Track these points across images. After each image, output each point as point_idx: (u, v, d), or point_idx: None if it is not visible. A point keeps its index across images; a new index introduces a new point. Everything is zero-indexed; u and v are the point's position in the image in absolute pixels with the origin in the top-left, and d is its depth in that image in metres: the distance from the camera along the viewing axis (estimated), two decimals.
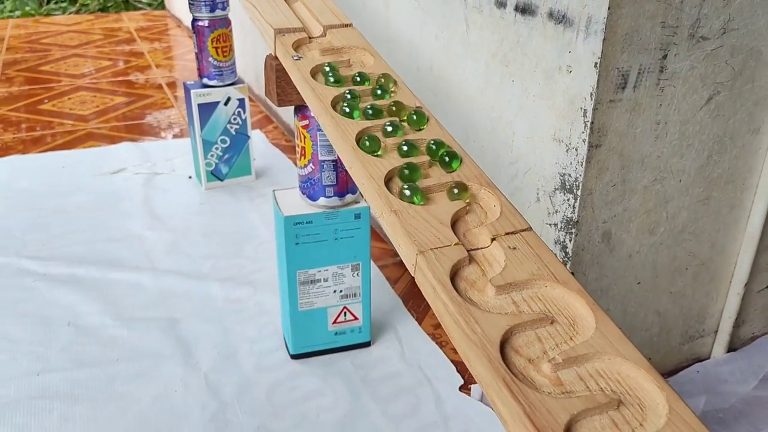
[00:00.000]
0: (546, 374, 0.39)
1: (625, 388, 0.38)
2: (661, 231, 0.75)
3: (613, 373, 0.39)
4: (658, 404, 0.37)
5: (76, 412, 0.79)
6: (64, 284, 1.02)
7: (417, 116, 0.58)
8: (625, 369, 0.39)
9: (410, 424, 0.78)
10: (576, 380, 0.38)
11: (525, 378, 0.38)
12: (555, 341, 0.41)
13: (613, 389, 0.38)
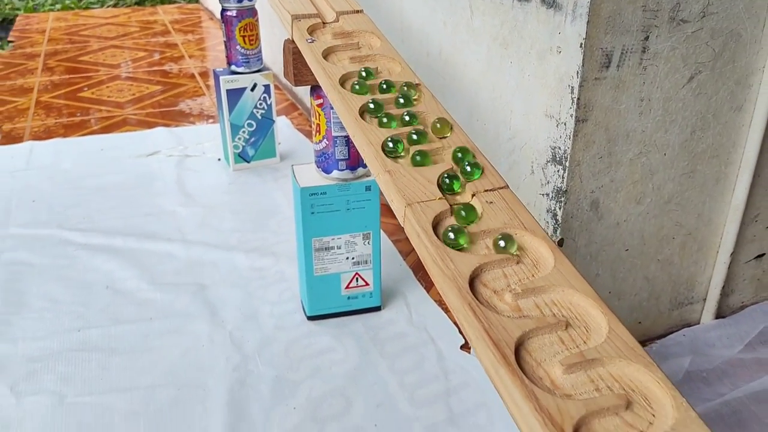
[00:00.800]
0: (507, 302, 0.45)
1: (574, 314, 0.45)
2: (647, 201, 0.81)
3: (565, 302, 0.45)
4: (601, 326, 0.44)
5: (113, 362, 0.87)
6: (103, 253, 1.11)
7: (410, 87, 0.65)
8: (575, 299, 0.46)
9: (414, 376, 0.85)
10: (532, 307, 0.45)
11: (489, 305, 0.45)
12: (518, 277, 0.47)
13: (563, 314, 0.44)
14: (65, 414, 0.79)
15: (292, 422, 0.78)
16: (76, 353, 0.89)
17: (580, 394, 0.39)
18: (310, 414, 0.79)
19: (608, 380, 0.40)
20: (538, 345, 0.43)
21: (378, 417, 0.79)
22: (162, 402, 0.81)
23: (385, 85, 0.67)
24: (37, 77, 2.05)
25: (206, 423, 0.78)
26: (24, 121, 1.70)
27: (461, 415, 0.79)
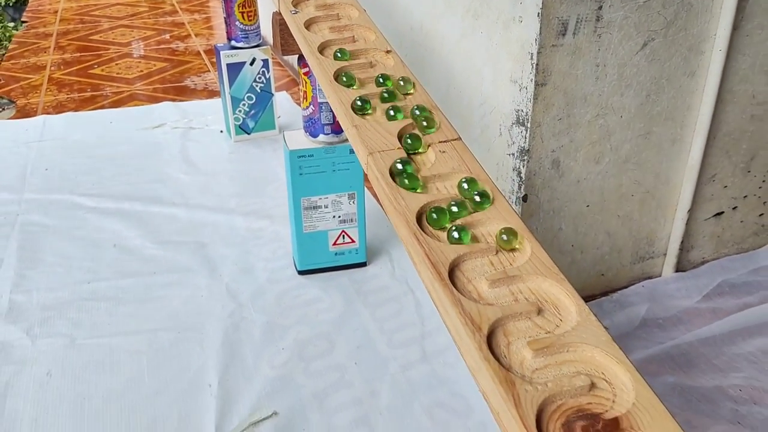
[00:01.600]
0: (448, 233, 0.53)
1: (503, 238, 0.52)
2: (606, 161, 0.88)
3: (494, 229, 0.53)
4: (526, 251, 0.51)
5: (119, 310, 0.96)
6: (111, 215, 1.20)
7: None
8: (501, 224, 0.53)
9: (393, 323, 0.93)
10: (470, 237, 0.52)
11: (432, 233, 0.53)
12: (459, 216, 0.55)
13: (493, 239, 0.52)
14: (76, 353, 0.87)
15: (280, 360, 0.86)
16: (85, 302, 0.97)
17: (500, 303, 0.47)
18: (297, 353, 0.87)
19: (526, 293, 0.48)
20: (471, 267, 0.50)
21: (358, 356, 0.87)
22: (163, 343, 0.89)
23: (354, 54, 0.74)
24: (50, 55, 2.13)
25: (203, 361, 0.86)
26: (37, 97, 1.79)
27: (433, 355, 0.87)
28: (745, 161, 0.95)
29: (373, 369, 0.85)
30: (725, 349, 0.86)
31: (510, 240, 0.51)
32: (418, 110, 0.64)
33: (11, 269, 1.04)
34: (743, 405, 0.78)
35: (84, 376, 0.84)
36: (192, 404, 0.79)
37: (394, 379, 0.83)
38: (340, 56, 0.74)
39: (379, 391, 0.81)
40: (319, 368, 0.85)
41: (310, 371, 0.85)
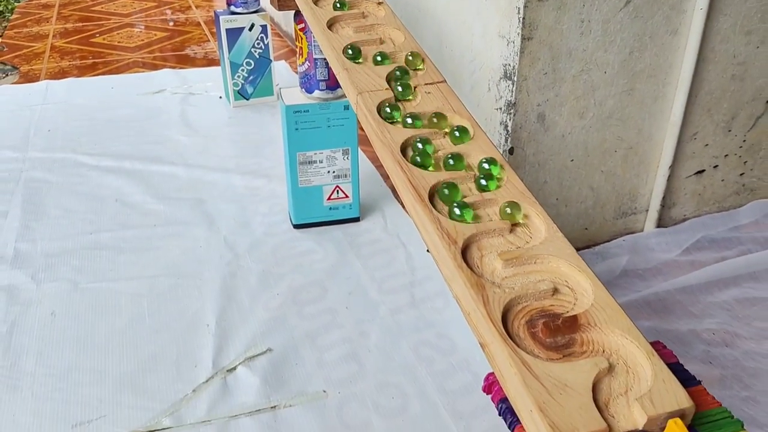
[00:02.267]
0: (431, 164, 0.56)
1: (483, 173, 0.55)
2: (590, 116, 0.91)
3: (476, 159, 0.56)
4: (502, 176, 0.54)
5: (120, 258, 1.00)
6: (112, 173, 1.23)
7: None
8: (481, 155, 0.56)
9: (383, 272, 0.97)
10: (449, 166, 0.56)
11: (415, 164, 0.56)
12: (442, 145, 0.58)
13: (475, 172, 0.55)
14: (78, 296, 0.91)
15: (275, 304, 0.90)
16: (88, 251, 1.01)
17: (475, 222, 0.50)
18: (291, 298, 0.91)
19: (499, 214, 0.51)
20: (449, 192, 0.53)
21: (349, 301, 0.91)
22: (163, 288, 0.93)
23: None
24: (52, 25, 2.16)
25: (201, 304, 0.90)
26: (40, 63, 1.81)
27: (421, 301, 0.91)
28: (726, 120, 0.98)
29: (363, 312, 0.89)
30: (701, 298, 0.90)
31: (491, 169, 0.54)
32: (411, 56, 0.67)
33: (16, 220, 1.08)
34: (715, 347, 0.82)
35: (87, 316, 0.88)
36: (190, 341, 0.83)
37: (383, 322, 0.87)
38: (339, 6, 0.77)
39: (368, 332, 0.85)
40: (312, 311, 0.89)
41: (303, 314, 0.88)
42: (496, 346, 0.41)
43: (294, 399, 0.75)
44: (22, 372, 0.79)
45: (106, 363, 0.80)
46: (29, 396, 0.75)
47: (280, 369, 0.79)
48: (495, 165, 0.54)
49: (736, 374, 0.78)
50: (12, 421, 0.72)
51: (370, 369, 0.79)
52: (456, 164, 0.55)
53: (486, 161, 0.55)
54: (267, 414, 0.73)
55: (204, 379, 0.77)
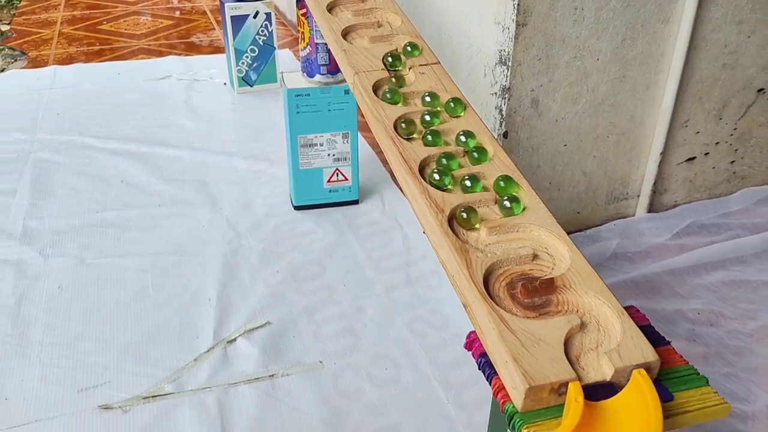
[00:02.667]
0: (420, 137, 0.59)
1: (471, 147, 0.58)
2: (582, 101, 0.94)
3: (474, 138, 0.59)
4: (490, 151, 0.57)
5: (126, 236, 1.03)
6: (118, 155, 1.26)
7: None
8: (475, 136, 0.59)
9: (381, 252, 0.99)
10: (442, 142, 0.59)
11: (406, 139, 0.59)
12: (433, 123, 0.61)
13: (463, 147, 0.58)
14: (85, 270, 0.94)
15: (274, 281, 0.93)
16: (94, 228, 1.04)
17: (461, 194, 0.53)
18: (290, 275, 0.94)
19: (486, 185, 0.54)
20: (440, 164, 0.56)
21: (347, 279, 0.94)
22: (166, 264, 0.96)
23: None
24: (60, 12, 2.19)
25: (203, 279, 0.93)
26: (48, 49, 1.84)
27: (416, 279, 0.93)
28: (716, 108, 1.01)
29: (360, 289, 0.91)
30: (688, 279, 0.92)
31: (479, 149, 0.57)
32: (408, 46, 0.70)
33: (25, 199, 1.11)
34: (700, 326, 0.85)
35: (93, 289, 0.91)
36: (192, 314, 0.86)
37: (379, 299, 0.90)
38: None
39: (364, 308, 0.88)
40: (310, 288, 0.92)
41: (301, 290, 0.91)
42: (477, 305, 0.44)
43: (291, 369, 0.78)
44: (30, 341, 0.82)
45: (111, 333, 0.83)
46: (37, 363, 0.79)
47: (279, 341, 0.82)
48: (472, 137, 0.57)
49: (719, 352, 0.81)
50: (20, 386, 0.75)
51: (365, 342, 0.82)
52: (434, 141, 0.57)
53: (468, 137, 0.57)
54: (265, 382, 0.76)
55: (205, 349, 0.80)
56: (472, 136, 0.57)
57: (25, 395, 0.74)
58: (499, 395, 0.42)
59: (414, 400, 0.74)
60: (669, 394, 0.41)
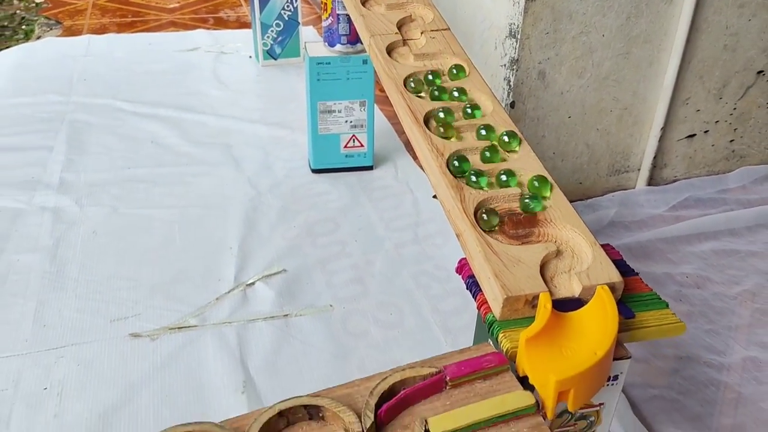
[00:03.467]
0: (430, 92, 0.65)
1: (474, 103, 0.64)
2: (587, 76, 0.99)
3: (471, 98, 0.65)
4: (487, 108, 0.63)
5: (155, 190, 1.10)
6: (148, 118, 1.33)
7: None
8: (479, 96, 0.65)
9: (391, 213, 1.06)
10: (447, 97, 0.65)
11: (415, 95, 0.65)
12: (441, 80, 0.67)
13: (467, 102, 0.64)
14: (117, 219, 1.02)
15: (291, 235, 1.00)
16: (126, 183, 1.12)
17: (462, 141, 0.59)
18: (306, 230, 1.01)
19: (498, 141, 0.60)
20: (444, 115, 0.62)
21: (359, 236, 1.00)
22: (192, 216, 1.03)
23: None
24: None
25: (225, 231, 1.00)
26: (82, 19, 1.92)
27: (423, 238, 1.00)
28: (717, 88, 1.05)
29: (370, 245, 0.98)
30: (680, 247, 0.98)
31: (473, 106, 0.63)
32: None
33: (61, 154, 1.19)
34: (688, 288, 0.90)
35: (124, 235, 0.98)
36: (215, 260, 0.93)
37: (387, 254, 0.96)
38: None
39: (374, 261, 0.95)
40: (324, 242, 0.99)
41: (316, 244, 0.98)
42: (467, 233, 0.51)
43: (304, 310, 0.85)
44: (66, 278, 0.90)
45: (141, 274, 0.91)
46: (73, 297, 0.86)
47: (293, 286, 0.89)
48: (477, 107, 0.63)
49: (703, 311, 0.86)
50: (58, 316, 0.83)
51: (372, 290, 0.89)
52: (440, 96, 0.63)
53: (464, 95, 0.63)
54: (280, 320, 0.83)
55: (226, 290, 0.88)
56: (465, 92, 0.63)
57: (63, 323, 0.82)
58: (482, 308, 0.48)
59: (415, 341, 0.80)
60: (631, 312, 0.47)
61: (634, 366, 0.77)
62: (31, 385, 0.73)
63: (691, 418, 0.71)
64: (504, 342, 0.44)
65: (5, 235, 0.97)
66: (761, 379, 0.77)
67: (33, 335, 0.80)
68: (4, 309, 0.83)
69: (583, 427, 0.49)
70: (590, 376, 0.40)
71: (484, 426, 0.39)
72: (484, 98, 0.64)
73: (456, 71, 0.67)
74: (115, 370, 0.75)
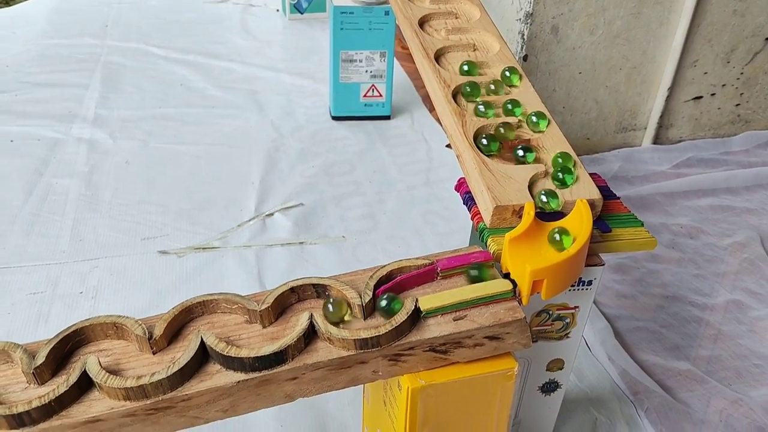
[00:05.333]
0: (441, 35, 0.70)
1: (480, 44, 0.69)
2: (599, 33, 1.03)
3: (478, 39, 0.70)
4: (493, 47, 0.68)
5: (183, 128, 1.16)
6: (178, 63, 1.39)
7: None
8: (485, 37, 0.70)
9: (406, 158, 1.12)
10: (456, 38, 0.70)
11: (429, 34, 0.70)
12: (452, 24, 0.72)
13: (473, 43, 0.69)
14: (148, 151, 1.09)
15: (310, 173, 1.06)
16: (156, 120, 1.18)
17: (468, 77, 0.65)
18: (324, 170, 1.07)
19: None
20: (452, 55, 0.68)
21: (373, 177, 1.06)
22: (218, 152, 1.10)
23: None
24: None
25: (248, 167, 1.06)
26: None
27: (435, 182, 1.05)
28: (725, 52, 1.09)
29: (383, 186, 1.04)
30: (678, 201, 1.03)
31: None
32: None
33: (96, 92, 1.26)
34: (681, 237, 0.96)
35: (154, 166, 1.05)
36: (238, 192, 1.00)
37: (399, 194, 1.02)
38: None
39: (385, 200, 1.01)
40: (340, 182, 1.05)
41: (332, 183, 1.04)
42: (466, 153, 0.56)
43: (318, 239, 0.91)
44: (101, 201, 0.97)
45: (169, 201, 0.97)
46: (107, 217, 0.93)
47: (309, 218, 0.95)
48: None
49: (693, 258, 0.92)
50: (93, 232, 0.90)
51: (383, 225, 0.95)
52: None
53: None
54: (296, 247, 0.90)
55: (247, 218, 0.94)
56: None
57: (97, 239, 0.89)
58: (475, 219, 0.54)
59: None
60: (608, 227, 0.53)
61: (622, 301, 0.83)
62: (68, 289, 0.80)
63: (670, 348, 0.77)
64: (491, 245, 0.50)
65: (45, 161, 1.04)
66: (742, 319, 0.82)
67: (70, 247, 0.87)
68: (44, 224, 0.91)
69: (559, 328, 0.55)
70: (562, 270, 0.46)
71: (467, 306, 0.45)
72: (490, 38, 0.69)
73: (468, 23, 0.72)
74: (145, 280, 0.82)
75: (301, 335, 0.43)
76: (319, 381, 0.44)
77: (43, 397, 0.39)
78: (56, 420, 0.39)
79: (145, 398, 0.40)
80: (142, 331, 0.43)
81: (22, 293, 0.80)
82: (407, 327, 0.44)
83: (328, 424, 0.66)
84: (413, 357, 0.44)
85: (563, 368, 0.58)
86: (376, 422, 0.54)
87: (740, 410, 0.70)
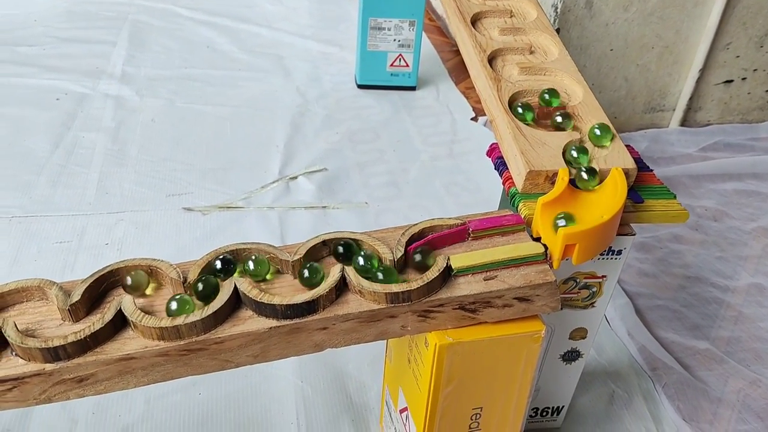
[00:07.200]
0: None
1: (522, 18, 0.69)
2: (633, 10, 1.02)
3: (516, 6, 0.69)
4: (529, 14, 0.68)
5: (209, 90, 1.16)
6: (205, 25, 1.39)
7: None
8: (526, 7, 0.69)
9: (430, 129, 1.11)
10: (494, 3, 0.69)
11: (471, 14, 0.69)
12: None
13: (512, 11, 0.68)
14: (174, 110, 1.09)
15: (334, 140, 1.06)
16: (182, 80, 1.18)
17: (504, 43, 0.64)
18: (348, 137, 1.07)
19: (525, 40, 0.65)
20: (489, 21, 0.67)
21: (397, 146, 1.06)
22: (243, 116, 1.10)
23: None
24: None
25: (273, 131, 1.06)
26: None
27: (458, 155, 1.05)
28: (759, 36, 1.07)
29: (407, 155, 1.04)
30: (704, 184, 1.02)
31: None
32: None
33: (123, 50, 1.26)
34: (705, 220, 0.95)
35: (180, 125, 1.05)
36: (262, 155, 1.00)
37: (423, 164, 1.02)
38: None
39: (409, 169, 1.01)
40: (364, 149, 1.05)
41: (357, 150, 1.04)
42: (500, 118, 0.56)
43: (341, 204, 0.92)
44: (127, 156, 0.97)
45: (194, 160, 0.98)
46: (133, 172, 0.94)
47: (333, 183, 0.96)
48: None
49: (717, 241, 0.91)
50: (119, 186, 0.91)
51: (406, 194, 0.95)
52: None
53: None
54: (318, 210, 0.90)
55: (271, 180, 0.95)
56: None
57: (123, 193, 0.90)
58: (506, 184, 0.54)
59: None
60: (640, 198, 0.53)
61: (643, 279, 0.83)
62: (93, 240, 0.81)
63: (690, 328, 0.77)
64: (523, 209, 0.50)
65: (72, 115, 1.05)
66: (763, 303, 0.82)
67: (96, 200, 0.88)
68: (71, 176, 0.92)
69: (585, 296, 0.55)
70: (594, 236, 0.46)
71: (498, 267, 0.45)
72: (527, 5, 0.68)
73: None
74: (169, 235, 0.83)
75: (333, 287, 0.43)
76: (349, 333, 0.44)
77: (79, 332, 0.40)
78: (90, 356, 0.40)
79: (179, 339, 0.40)
80: (177, 274, 0.43)
81: (49, 242, 0.81)
82: (438, 284, 0.44)
83: (348, 383, 0.67)
84: (442, 314, 0.45)
85: (586, 337, 0.58)
86: (398, 380, 0.55)
87: (758, 391, 0.70)
